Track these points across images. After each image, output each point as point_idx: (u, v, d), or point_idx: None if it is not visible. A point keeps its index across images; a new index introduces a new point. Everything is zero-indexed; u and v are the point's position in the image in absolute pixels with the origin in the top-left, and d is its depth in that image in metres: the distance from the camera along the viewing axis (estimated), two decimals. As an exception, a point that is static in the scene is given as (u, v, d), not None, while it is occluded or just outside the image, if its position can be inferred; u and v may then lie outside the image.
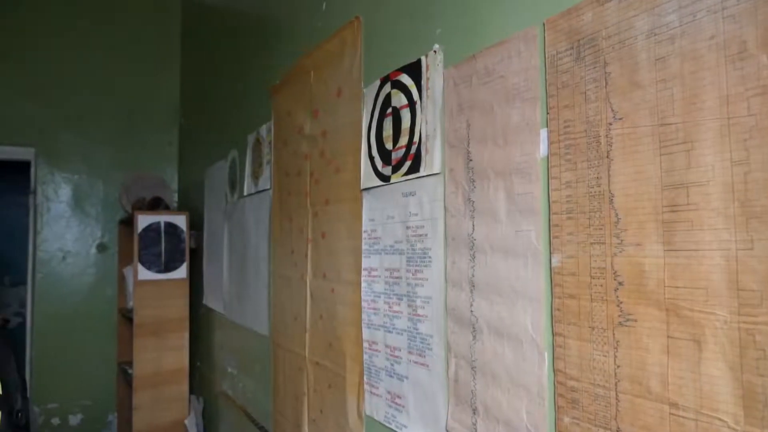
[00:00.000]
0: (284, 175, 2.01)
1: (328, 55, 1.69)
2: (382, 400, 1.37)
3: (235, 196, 2.64)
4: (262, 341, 2.26)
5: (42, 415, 3.82)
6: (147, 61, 4.18)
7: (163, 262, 3.19)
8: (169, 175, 4.20)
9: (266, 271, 2.20)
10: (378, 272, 1.39)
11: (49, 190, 3.92)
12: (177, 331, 3.24)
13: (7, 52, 3.80)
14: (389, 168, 1.33)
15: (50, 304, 3.89)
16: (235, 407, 2.61)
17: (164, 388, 3.20)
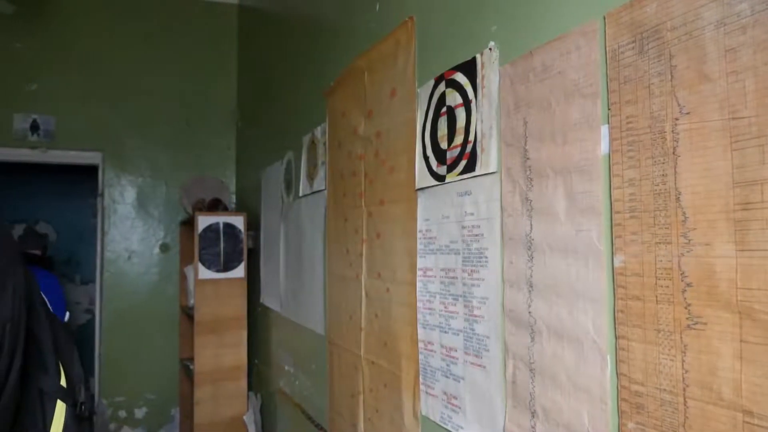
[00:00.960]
0: (339, 176, 2.03)
1: (381, 56, 1.70)
2: (438, 401, 1.36)
3: (291, 197, 2.68)
4: (317, 339, 2.29)
5: (110, 407, 4.00)
6: (206, 68, 4.31)
7: (222, 262, 3.28)
8: (228, 177, 4.31)
9: (321, 271, 2.23)
10: (433, 272, 1.38)
11: (116, 193, 4.10)
12: (235, 328, 3.33)
13: (79, 63, 3.99)
14: (444, 167, 1.33)
15: (117, 301, 4.07)
16: (292, 404, 2.66)
17: (224, 384, 3.29)
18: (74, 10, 4.01)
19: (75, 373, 1.05)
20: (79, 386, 1.04)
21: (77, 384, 1.04)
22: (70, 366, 1.04)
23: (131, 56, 4.12)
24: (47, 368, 0.96)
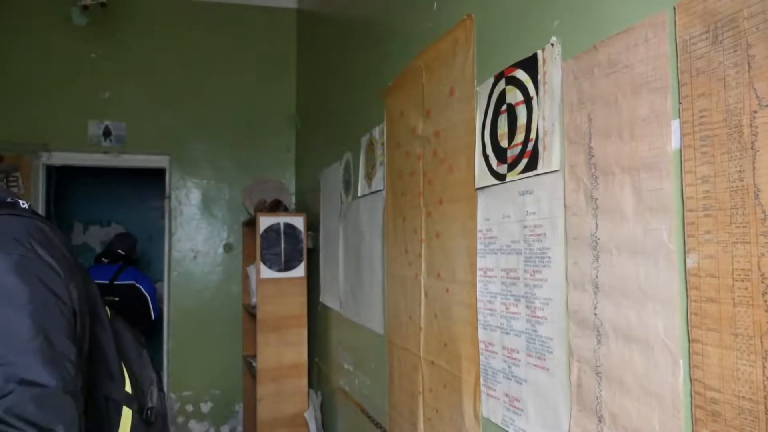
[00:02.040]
0: (397, 176, 2.04)
1: (440, 55, 1.69)
2: (500, 403, 1.34)
3: (350, 197, 2.71)
4: (377, 339, 2.30)
5: (178, 402, 4.16)
6: (266, 72, 4.41)
7: (283, 261, 3.35)
8: (287, 179, 4.40)
9: (380, 270, 2.24)
10: (494, 272, 1.37)
11: (182, 195, 4.25)
12: (296, 327, 3.39)
13: (147, 71, 4.17)
14: (505, 166, 1.31)
15: (184, 299, 4.22)
16: (352, 403, 2.68)
17: (285, 382, 3.36)
18: (143, 21, 4.19)
19: (144, 376, 1.07)
20: (150, 389, 1.06)
21: (146, 388, 1.06)
22: (137, 369, 1.05)
23: (196, 63, 4.27)
24: (112, 375, 0.98)
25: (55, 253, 0.86)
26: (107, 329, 1.00)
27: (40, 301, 0.79)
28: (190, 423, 4.18)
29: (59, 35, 4.04)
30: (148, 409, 1.04)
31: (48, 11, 4.01)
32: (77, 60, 4.06)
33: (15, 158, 3.91)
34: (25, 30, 3.98)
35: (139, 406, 1.01)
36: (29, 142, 3.93)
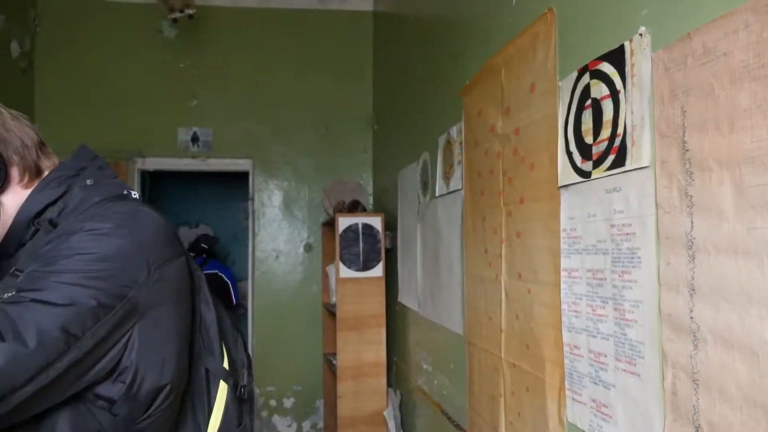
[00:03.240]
0: (476, 175, 2.01)
1: (519, 51, 1.66)
2: (587, 408, 1.30)
3: (427, 197, 2.71)
4: (456, 339, 2.28)
5: (262, 396, 4.31)
6: (343, 74, 4.49)
7: (362, 261, 3.40)
8: (365, 179, 4.45)
9: (459, 271, 2.22)
10: (579, 273, 1.32)
11: (264, 197, 4.40)
12: (375, 326, 3.43)
13: (231, 78, 4.35)
14: (590, 163, 1.26)
15: (266, 297, 4.37)
16: (431, 403, 2.68)
17: (365, 380, 3.40)
18: (226, 31, 4.37)
19: (238, 357, 1.13)
20: (242, 371, 1.13)
21: (240, 368, 1.13)
22: (233, 350, 1.12)
23: (276, 69, 4.41)
24: (213, 351, 1.04)
25: (156, 237, 0.93)
26: (211, 309, 1.06)
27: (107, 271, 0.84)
28: (274, 417, 4.32)
29: (151, 48, 4.29)
30: (241, 386, 1.10)
31: (141, 26, 4.27)
32: (167, 71, 4.30)
33: (113, 164, 4.17)
34: (121, 45, 4.25)
35: (234, 383, 1.07)
36: (125, 149, 4.19)
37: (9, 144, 0.95)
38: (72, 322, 0.78)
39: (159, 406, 0.91)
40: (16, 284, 0.81)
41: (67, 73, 4.16)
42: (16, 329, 0.74)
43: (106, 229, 0.86)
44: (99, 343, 0.82)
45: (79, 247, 0.84)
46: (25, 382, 0.74)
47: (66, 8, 4.22)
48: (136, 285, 0.86)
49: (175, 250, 0.97)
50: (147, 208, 0.98)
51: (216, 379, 1.04)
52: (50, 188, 0.97)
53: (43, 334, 0.75)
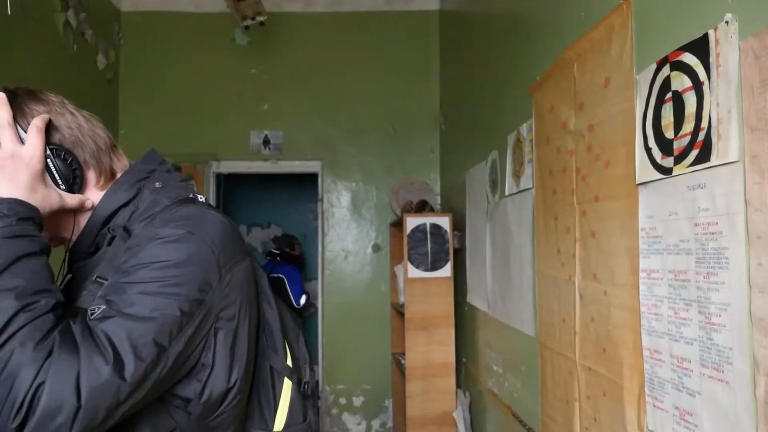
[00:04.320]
0: (547, 173, 1.96)
1: (593, 44, 1.61)
2: (669, 416, 1.24)
3: (497, 196, 2.67)
4: (527, 341, 2.24)
5: (332, 394, 4.38)
6: (409, 74, 4.49)
7: (430, 261, 3.39)
8: (433, 179, 4.44)
9: (530, 271, 2.17)
10: (659, 274, 1.26)
11: (333, 198, 4.47)
12: (443, 326, 3.41)
13: (301, 82, 4.45)
14: (670, 159, 1.20)
15: (336, 296, 4.44)
16: (501, 406, 2.64)
17: (433, 380, 3.39)
18: (295, 36, 4.47)
19: (300, 354, 1.15)
20: (305, 367, 1.14)
21: (302, 365, 1.14)
22: (295, 347, 1.14)
23: (344, 71, 4.47)
24: (276, 348, 1.06)
25: (225, 239, 0.95)
26: (273, 307, 1.07)
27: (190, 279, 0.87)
28: (344, 415, 4.38)
29: (224, 55, 4.45)
30: (305, 383, 1.11)
31: (215, 35, 4.44)
32: (240, 76, 4.45)
33: (190, 168, 4.37)
34: (197, 54, 4.44)
35: (298, 380, 1.09)
36: (201, 153, 4.37)
37: (85, 147, 0.98)
38: (160, 333, 0.81)
39: (229, 403, 0.93)
40: (101, 294, 0.84)
41: (147, 82, 4.38)
42: (114, 347, 0.76)
43: (178, 236, 0.88)
44: (183, 350, 0.85)
45: (155, 254, 0.86)
46: (126, 397, 0.76)
47: (146, 21, 4.45)
48: (210, 288, 0.88)
49: (241, 252, 0.99)
50: (213, 211, 1.00)
51: (280, 376, 1.06)
52: (123, 190, 1.00)
53: (137, 349, 0.78)
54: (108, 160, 1.02)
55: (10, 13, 2.86)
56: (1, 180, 0.85)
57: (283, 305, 1.18)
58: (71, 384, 0.72)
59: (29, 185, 0.86)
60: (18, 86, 0.97)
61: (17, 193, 0.84)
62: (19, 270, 0.77)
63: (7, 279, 0.75)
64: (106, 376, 0.74)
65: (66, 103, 0.99)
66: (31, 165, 0.87)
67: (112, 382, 0.74)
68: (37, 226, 0.85)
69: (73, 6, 3.64)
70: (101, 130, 1.03)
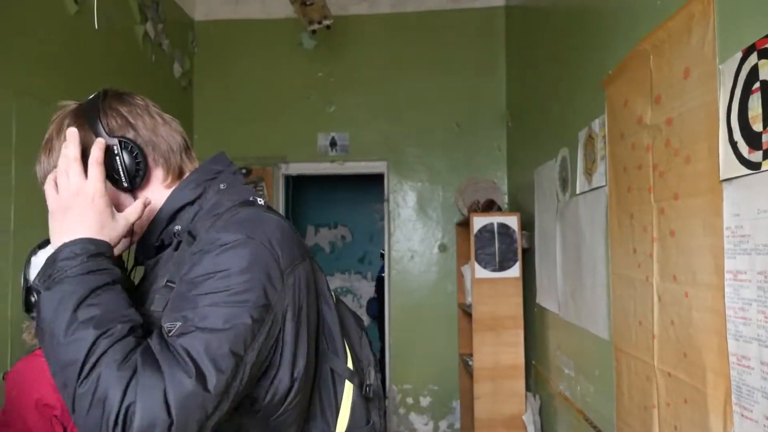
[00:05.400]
0: (622, 170, 1.89)
1: (671, 34, 1.53)
2: (759, 426, 1.16)
3: (567, 195, 2.60)
4: (601, 344, 2.16)
5: (399, 393, 4.39)
6: (474, 71, 4.44)
7: (498, 261, 3.34)
8: (499, 178, 4.37)
9: (604, 272, 2.10)
10: (747, 276, 1.19)
11: (399, 198, 4.48)
12: (512, 328, 3.35)
13: (366, 84, 4.49)
14: (759, 153, 1.13)
15: (402, 296, 4.44)
16: (574, 410, 2.56)
17: (502, 382, 3.34)
18: (361, 38, 4.52)
19: (363, 356, 1.14)
20: (368, 369, 1.14)
21: (365, 366, 1.13)
22: (357, 349, 1.14)
23: (409, 71, 4.47)
24: (337, 351, 1.06)
25: (283, 241, 0.95)
26: (332, 309, 1.07)
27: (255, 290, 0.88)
28: (411, 415, 4.38)
29: (292, 60, 4.55)
30: (367, 385, 1.10)
31: (282, 40, 4.55)
32: (307, 80, 4.53)
33: (260, 170, 4.50)
34: (266, 59, 4.56)
35: (359, 382, 1.08)
36: (271, 156, 4.49)
37: (157, 147, 1.03)
38: (236, 343, 0.83)
39: (291, 402, 0.94)
40: (172, 307, 0.87)
41: (220, 88, 4.54)
42: (194, 361, 0.79)
43: (238, 241, 0.89)
44: (258, 355, 0.87)
45: (219, 263, 0.87)
46: (214, 409, 0.80)
47: (218, 29, 4.61)
48: (276, 291, 0.89)
49: (301, 253, 0.99)
50: (271, 213, 1.01)
51: (341, 379, 1.05)
52: (189, 189, 1.03)
53: (216, 362, 0.80)
54: (178, 160, 1.06)
55: (97, 27, 3.04)
56: (71, 221, 0.90)
57: (345, 307, 1.18)
58: (160, 400, 0.75)
59: (98, 223, 0.91)
60: (111, 88, 1.05)
61: (87, 233, 0.89)
62: (95, 302, 0.82)
63: (84, 311, 0.81)
64: (191, 389, 0.77)
65: (149, 106, 1.05)
66: (95, 202, 0.91)
67: (197, 394, 0.77)
68: (108, 258, 0.90)
69: (152, 18, 3.82)
70: (178, 134, 1.07)
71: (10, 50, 2.48)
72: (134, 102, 1.03)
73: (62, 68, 2.85)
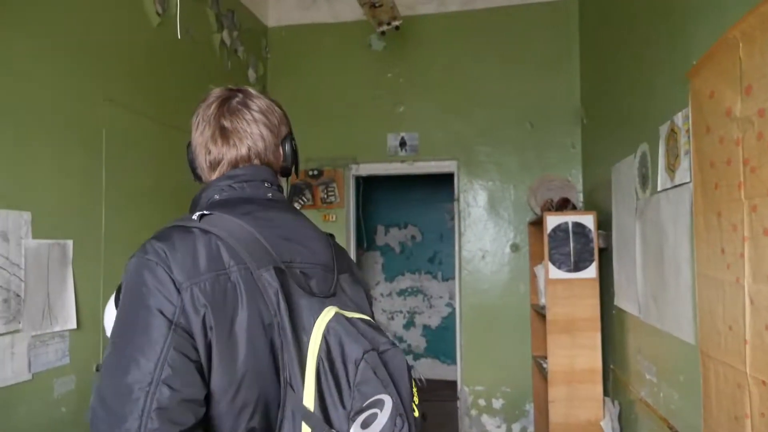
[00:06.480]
0: (708, 166, 1.79)
1: (763, 20, 1.44)
2: None
3: (647, 192, 2.48)
4: (686, 349, 2.06)
5: (471, 395, 4.35)
6: (546, 67, 4.33)
7: (573, 262, 3.24)
8: (574, 176, 4.24)
9: (689, 273, 2.00)
10: None
11: (469, 197, 4.44)
12: (588, 330, 3.24)
13: (435, 84, 4.48)
14: None
15: (473, 297, 4.39)
16: (656, 418, 2.45)
17: (578, 386, 3.24)
18: (430, 37, 4.50)
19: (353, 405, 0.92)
20: (354, 419, 0.92)
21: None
22: (346, 393, 0.92)
23: (479, 69, 4.41)
24: (293, 385, 0.93)
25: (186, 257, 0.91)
26: (290, 339, 0.91)
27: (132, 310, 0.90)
28: (483, 417, 4.33)
29: (361, 62, 4.60)
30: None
31: (351, 43, 4.61)
32: (376, 81, 4.57)
33: (332, 172, 4.57)
34: (336, 62, 4.63)
35: (323, 428, 0.88)
36: (342, 157, 4.55)
37: (195, 159, 1.17)
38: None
39: (209, 420, 0.89)
40: None
41: (291, 92, 4.65)
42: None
43: (137, 259, 0.92)
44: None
45: (130, 274, 0.92)
46: None
47: (290, 35, 4.73)
48: (173, 307, 0.87)
49: (213, 268, 0.92)
50: (184, 229, 0.96)
51: (296, 419, 0.90)
52: (206, 189, 1.11)
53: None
54: (205, 167, 1.15)
55: (179, 37, 3.19)
56: None
57: (343, 334, 0.93)
58: None
59: None
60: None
61: None
62: None
63: None
64: None
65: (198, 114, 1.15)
66: None
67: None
68: None
69: (228, 26, 3.97)
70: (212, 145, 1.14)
71: (100, 61, 2.64)
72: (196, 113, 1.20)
73: (146, 77, 3.01)
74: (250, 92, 1.16)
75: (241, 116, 1.12)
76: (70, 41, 2.46)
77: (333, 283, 1.04)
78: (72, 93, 2.46)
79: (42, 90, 2.30)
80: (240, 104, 1.13)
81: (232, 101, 1.13)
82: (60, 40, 2.40)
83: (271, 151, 1.15)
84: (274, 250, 0.98)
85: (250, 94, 1.15)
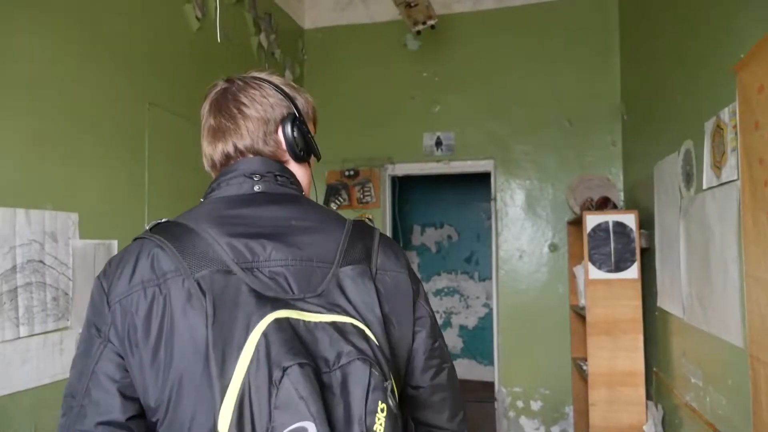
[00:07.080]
0: (757, 163, 1.73)
1: (816, 10, 1.38)
2: None
3: (692, 191, 2.41)
4: (734, 352, 1.99)
5: (509, 396, 4.30)
6: (585, 64, 4.25)
7: (613, 262, 3.17)
8: (614, 174, 4.15)
9: (737, 274, 1.93)
10: None
11: (506, 197, 4.39)
12: (630, 332, 3.17)
13: (471, 82, 4.44)
14: None
15: (510, 297, 4.34)
16: (702, 423, 2.37)
17: (619, 389, 3.17)
18: (466, 36, 4.47)
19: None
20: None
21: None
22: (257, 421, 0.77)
23: (515, 67, 4.36)
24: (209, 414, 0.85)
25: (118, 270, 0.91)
26: (201, 354, 0.80)
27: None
28: (521, 419, 4.28)
29: (397, 61, 4.60)
30: None
31: (387, 43, 4.61)
32: (412, 80, 4.56)
33: (368, 171, 4.59)
34: (372, 62, 4.64)
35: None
36: (378, 157, 4.56)
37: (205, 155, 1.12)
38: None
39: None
40: None
41: (328, 93, 4.68)
42: None
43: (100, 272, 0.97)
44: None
45: None
46: None
47: (326, 36, 4.76)
48: (104, 323, 0.88)
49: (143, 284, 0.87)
50: (138, 241, 0.95)
51: None
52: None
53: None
54: (209, 170, 1.10)
55: (219, 41, 3.25)
56: None
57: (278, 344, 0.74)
58: None
59: None
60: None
61: None
62: None
63: None
64: None
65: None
66: None
67: None
68: None
69: (265, 29, 4.03)
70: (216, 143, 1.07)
71: (143, 65, 2.71)
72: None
73: (186, 80, 3.08)
74: (247, 79, 1.08)
75: (227, 112, 1.04)
76: (115, 47, 2.53)
77: (323, 279, 0.87)
78: (117, 97, 2.53)
79: (89, 95, 2.37)
80: (230, 96, 1.05)
81: (222, 96, 1.06)
82: (106, 46, 2.48)
83: (264, 141, 1.03)
84: (232, 252, 0.86)
85: (245, 83, 1.07)
